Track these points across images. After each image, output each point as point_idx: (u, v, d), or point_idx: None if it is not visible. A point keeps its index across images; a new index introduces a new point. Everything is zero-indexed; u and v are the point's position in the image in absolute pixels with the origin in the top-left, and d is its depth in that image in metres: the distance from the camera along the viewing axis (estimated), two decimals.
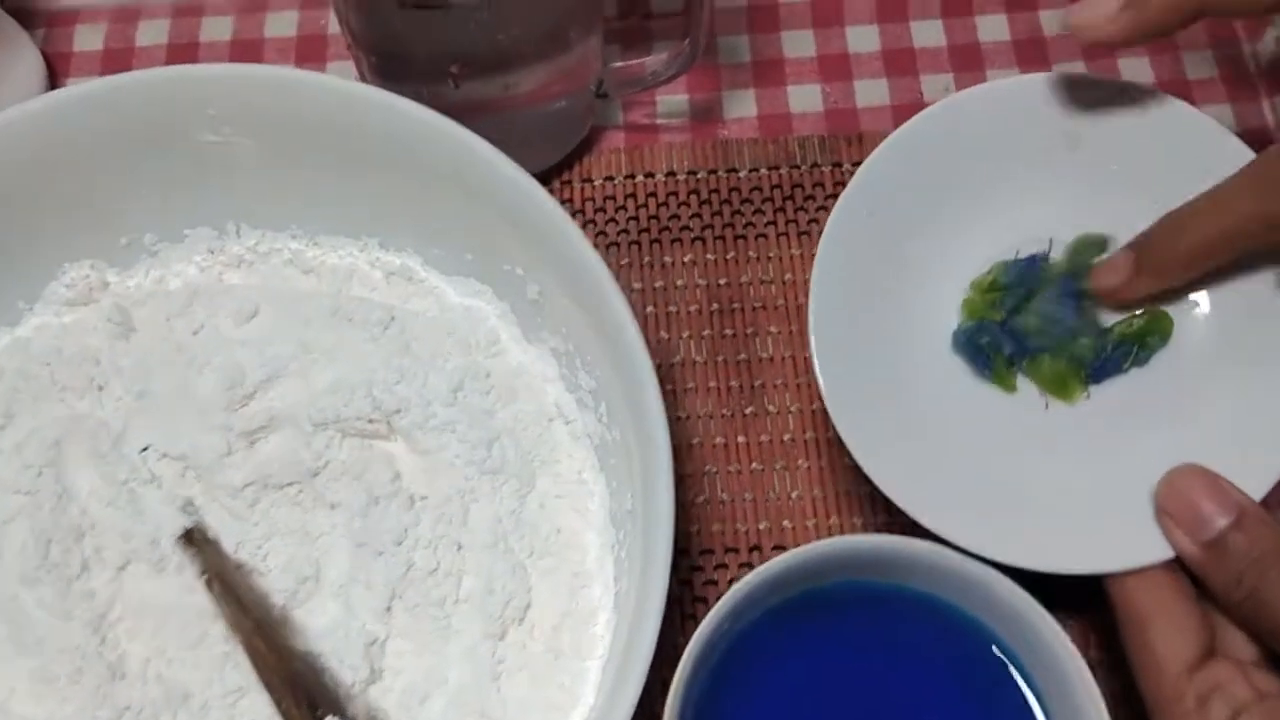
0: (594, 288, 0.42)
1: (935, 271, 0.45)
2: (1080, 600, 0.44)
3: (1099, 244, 0.44)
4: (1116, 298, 0.42)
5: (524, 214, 0.44)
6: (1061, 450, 0.43)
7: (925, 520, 0.41)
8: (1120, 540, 0.41)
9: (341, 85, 0.45)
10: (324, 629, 0.44)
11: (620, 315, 0.41)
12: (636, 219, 0.57)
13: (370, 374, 0.47)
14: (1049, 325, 0.43)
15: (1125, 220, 0.42)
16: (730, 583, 0.49)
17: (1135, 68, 0.60)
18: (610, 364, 0.43)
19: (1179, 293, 0.42)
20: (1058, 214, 0.44)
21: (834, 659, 0.42)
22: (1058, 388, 0.43)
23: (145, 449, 0.46)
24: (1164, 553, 0.40)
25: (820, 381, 0.42)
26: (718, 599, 0.48)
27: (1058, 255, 0.44)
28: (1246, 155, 0.42)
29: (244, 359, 0.48)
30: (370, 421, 0.46)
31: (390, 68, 0.52)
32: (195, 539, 0.44)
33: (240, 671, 0.42)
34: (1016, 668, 0.40)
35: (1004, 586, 0.39)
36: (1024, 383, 0.44)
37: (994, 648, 0.41)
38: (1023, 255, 0.44)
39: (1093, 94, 0.43)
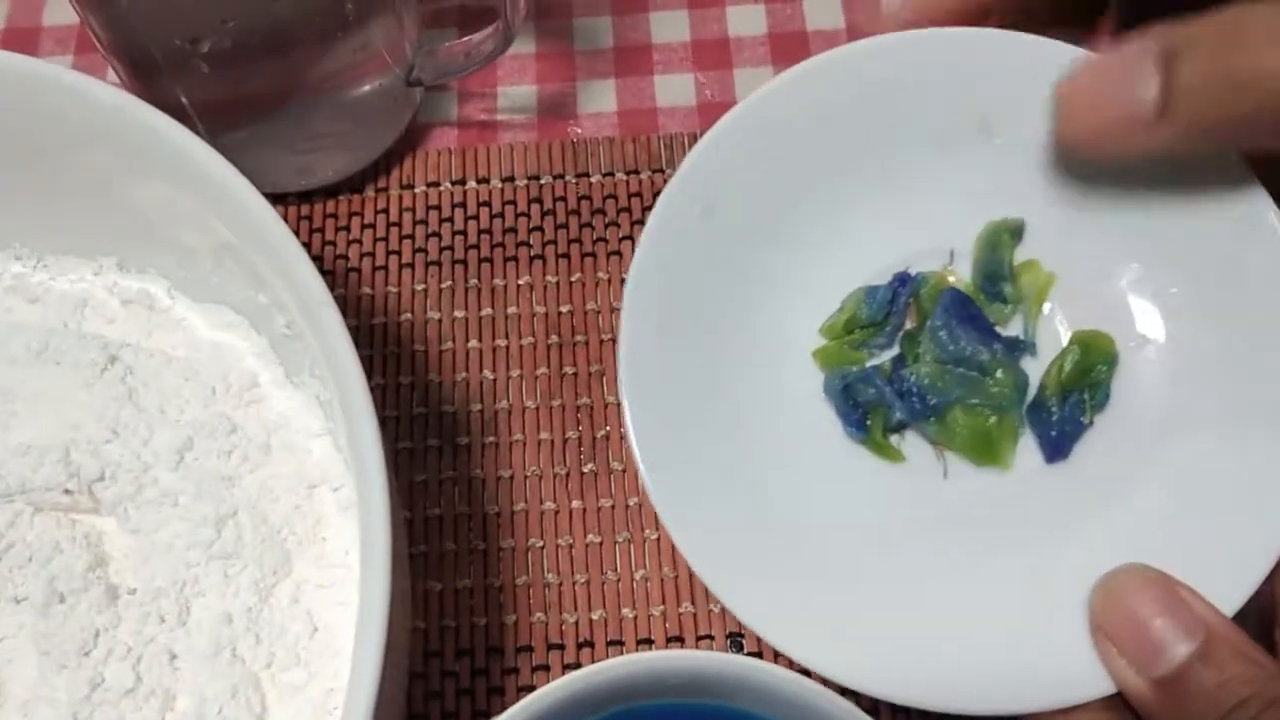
0: (325, 334, 0.32)
1: (793, 296, 0.33)
2: None
3: (1015, 230, 0.32)
4: (1104, 146, 0.28)
5: (246, 230, 0.34)
6: (962, 543, 0.32)
7: (773, 638, 0.30)
8: (1041, 670, 0.29)
9: (6, 59, 0.35)
10: None
11: (348, 372, 0.31)
12: (464, 233, 0.47)
13: (73, 430, 0.37)
14: (949, 362, 0.32)
15: (1048, 222, 0.32)
16: (521, 691, 0.39)
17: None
18: (347, 422, 0.33)
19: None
20: (961, 213, 0.33)
21: None
22: (982, 452, 0.32)
23: None
24: (1101, 688, 0.29)
25: (635, 451, 0.31)
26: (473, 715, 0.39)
27: (953, 271, 0.33)
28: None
29: None
30: (66, 492, 0.36)
31: (140, 64, 0.42)
32: None
33: None
34: None
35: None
36: (915, 446, 0.32)
37: None
38: (912, 271, 0.33)
39: (1010, 58, 0.31)
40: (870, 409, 0.32)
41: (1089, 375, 0.31)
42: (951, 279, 0.33)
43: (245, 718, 0.34)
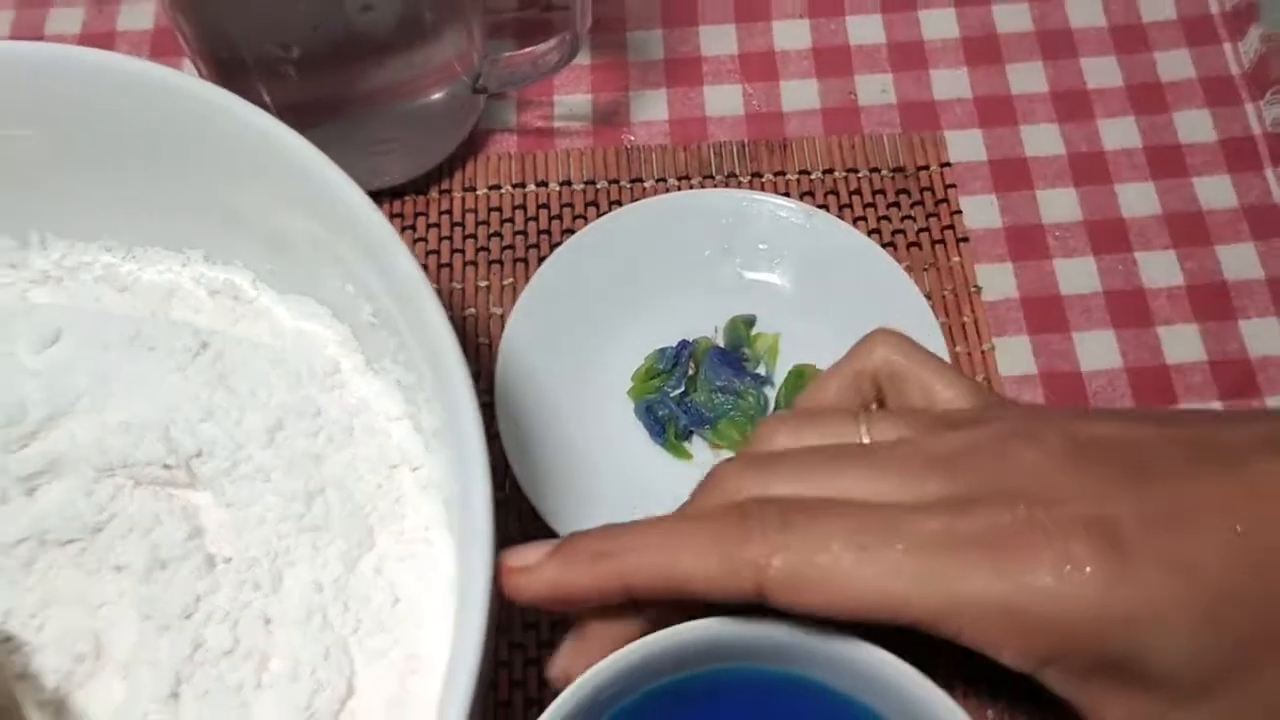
0: (419, 312, 0.34)
1: (616, 355, 0.47)
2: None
3: (749, 321, 0.47)
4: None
5: (342, 221, 0.36)
6: None
7: None
8: None
9: (124, 64, 0.37)
10: (106, 716, 0.36)
11: (446, 349, 0.33)
12: (525, 233, 0.50)
13: (171, 410, 0.39)
14: (717, 393, 0.45)
15: (771, 307, 0.47)
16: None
17: (1103, 68, 0.53)
18: (441, 402, 0.35)
19: None
20: (718, 303, 0.48)
21: None
22: (742, 445, 0.44)
23: None
24: None
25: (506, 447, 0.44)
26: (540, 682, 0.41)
27: (715, 338, 0.47)
28: (893, 268, 0.47)
29: (30, 391, 0.40)
30: (165, 467, 0.38)
31: (226, 65, 0.44)
32: None
33: None
34: None
35: (900, 671, 0.31)
36: (700, 447, 0.46)
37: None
38: (689, 339, 0.47)
39: (744, 213, 0.48)
40: (666, 422, 0.45)
41: (800, 389, 0.45)
42: (714, 342, 0.47)
43: (336, 678, 0.36)
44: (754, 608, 0.30)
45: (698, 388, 0.46)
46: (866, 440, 0.30)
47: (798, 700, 0.33)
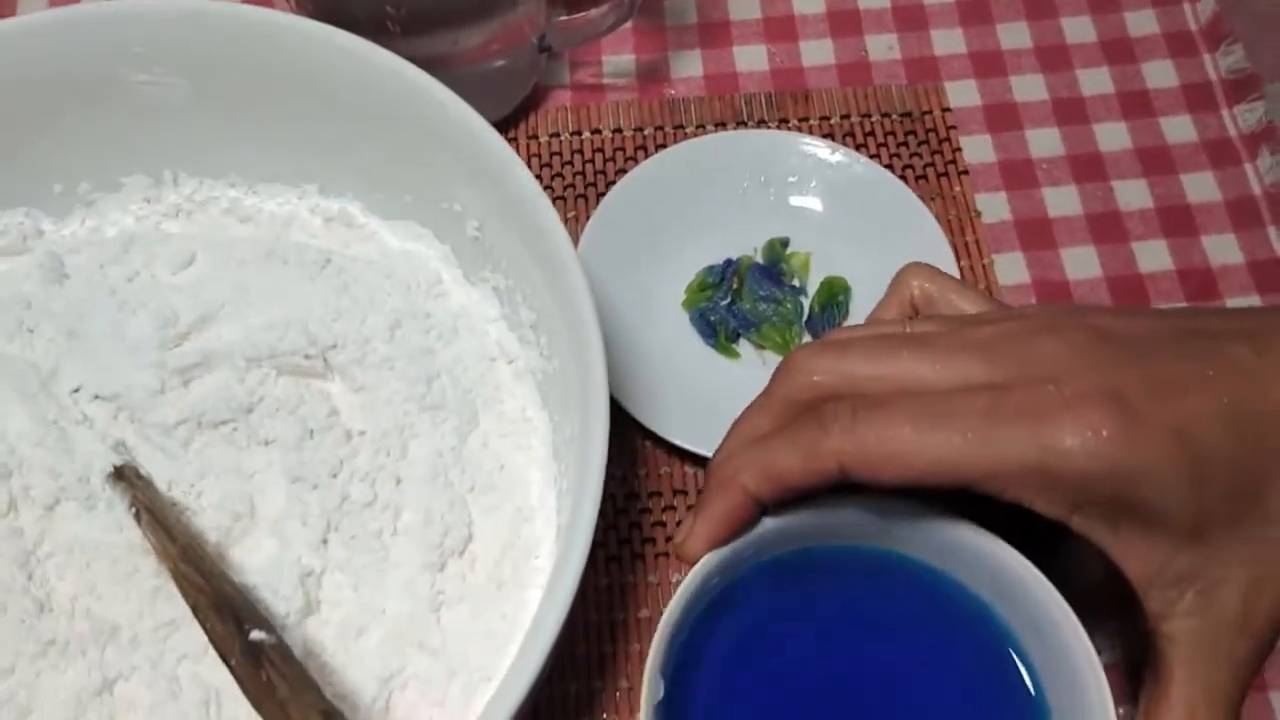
0: (534, 219, 0.41)
1: (675, 272, 0.54)
2: None
3: (784, 241, 0.55)
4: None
5: (465, 146, 0.43)
6: None
7: (675, 437, 0.49)
8: None
9: (273, 17, 0.45)
10: (259, 566, 0.43)
11: (560, 246, 0.40)
12: (583, 174, 0.57)
13: (306, 312, 0.46)
14: (760, 301, 0.53)
15: (803, 230, 0.55)
16: (679, 525, 0.48)
17: (1080, 27, 0.61)
18: (550, 294, 0.42)
19: None
20: (757, 227, 0.55)
21: (825, 623, 0.39)
22: (783, 346, 0.52)
23: (76, 390, 0.45)
24: None
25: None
26: (667, 539, 0.48)
27: (755, 256, 0.55)
28: (906, 194, 0.54)
29: (178, 302, 0.47)
30: (306, 357, 0.45)
31: (335, 18, 0.51)
32: (126, 475, 0.43)
33: (172, 605, 0.41)
34: (1014, 646, 0.38)
35: (1013, 560, 0.36)
36: (746, 349, 0.53)
37: (991, 622, 0.38)
38: (732, 257, 0.54)
39: (782, 145, 0.56)
40: (717, 326, 0.52)
41: (834, 299, 0.53)
42: (755, 260, 0.55)
43: (459, 525, 0.43)
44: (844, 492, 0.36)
45: (743, 297, 0.53)
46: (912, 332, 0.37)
47: (884, 573, 0.39)
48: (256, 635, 0.36)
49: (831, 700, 0.37)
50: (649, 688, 0.34)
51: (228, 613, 0.37)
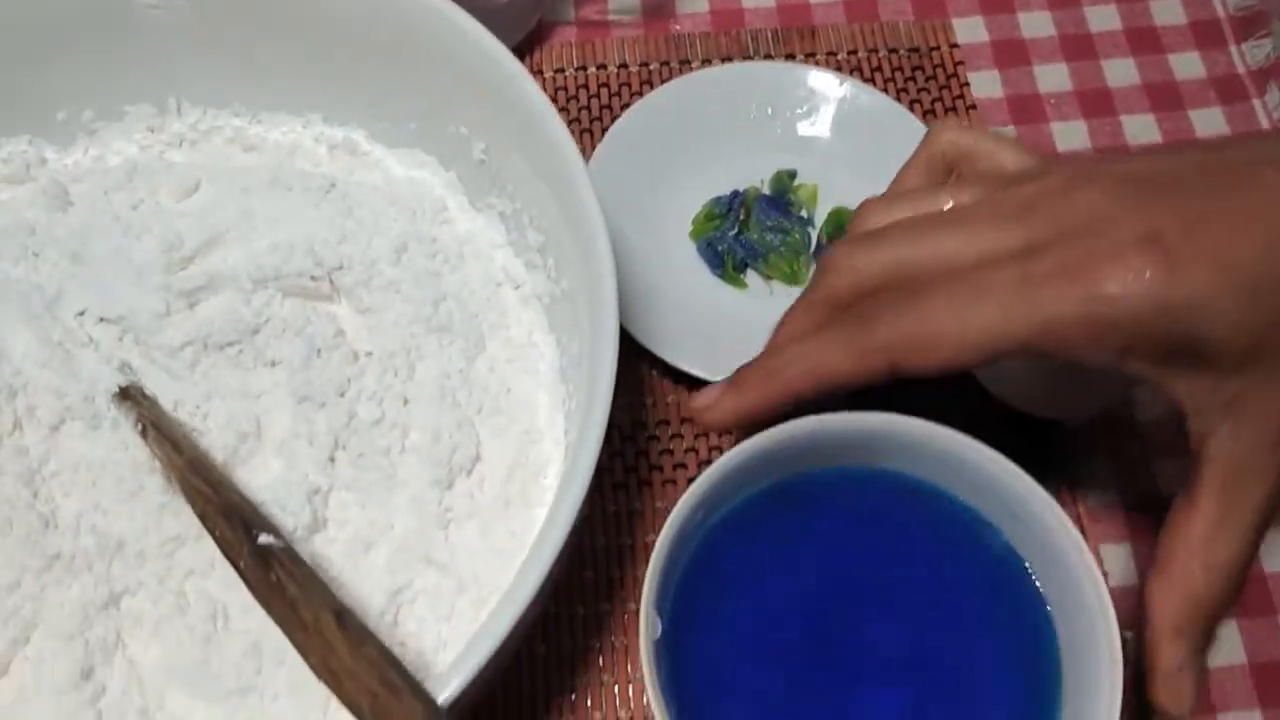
0: (544, 132, 0.41)
1: (682, 203, 0.54)
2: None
3: (791, 173, 0.54)
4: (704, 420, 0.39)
5: (474, 64, 0.43)
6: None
7: (683, 363, 0.48)
8: None
9: None
10: (266, 485, 0.42)
11: (569, 157, 0.40)
12: (588, 109, 0.57)
13: (311, 235, 0.46)
14: (767, 231, 0.52)
15: (810, 162, 0.54)
16: (687, 453, 0.48)
17: (1102, 15, 0.60)
18: (558, 210, 0.42)
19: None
20: (764, 159, 0.55)
21: (821, 546, 0.38)
22: (790, 276, 0.52)
23: (81, 313, 0.45)
24: None
25: None
26: (674, 467, 0.48)
27: (763, 188, 0.54)
28: (913, 123, 0.53)
29: (183, 226, 0.47)
30: (312, 279, 0.45)
31: None
32: (132, 394, 0.43)
33: (179, 521, 0.41)
34: (1006, 545, 0.38)
35: (996, 462, 0.36)
36: (753, 279, 0.53)
37: (976, 521, 0.38)
38: (740, 188, 0.54)
39: (789, 77, 0.55)
40: (724, 255, 0.52)
41: (842, 230, 0.51)
42: (762, 191, 0.54)
43: (467, 443, 0.43)
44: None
45: (750, 227, 0.52)
46: (949, 206, 0.37)
47: (890, 495, 0.39)
48: (265, 539, 0.36)
49: (835, 620, 0.37)
50: (646, 625, 0.34)
51: (236, 519, 0.37)
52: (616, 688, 0.44)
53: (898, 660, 0.36)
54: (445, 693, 0.31)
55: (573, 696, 0.44)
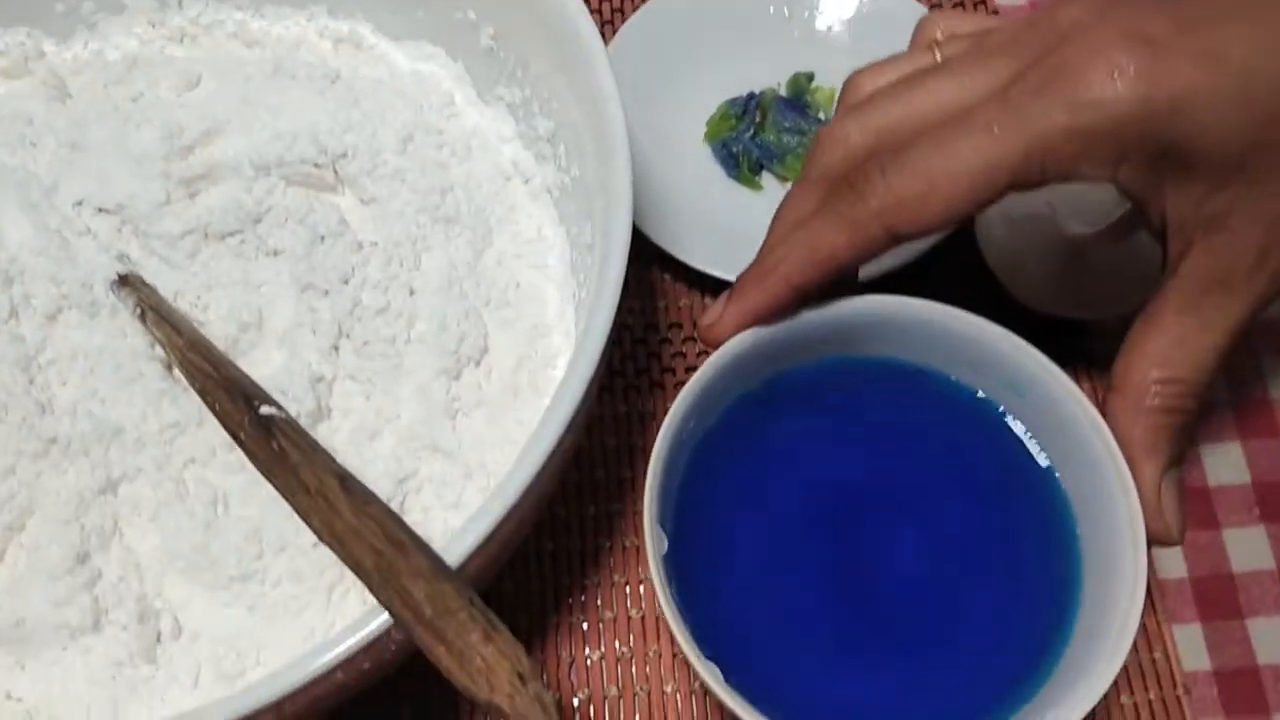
0: (556, 9, 0.40)
1: (698, 103, 0.53)
2: None
3: (809, 76, 0.53)
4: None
5: None
6: None
7: (696, 262, 0.47)
8: None
9: None
10: (269, 375, 0.41)
11: (583, 30, 0.39)
12: (599, 12, 0.56)
13: (315, 124, 0.44)
14: (785, 133, 0.51)
15: (828, 64, 0.53)
16: (699, 356, 0.47)
17: None
18: (570, 92, 0.41)
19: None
20: (781, 61, 0.53)
21: (816, 440, 0.37)
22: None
23: (79, 202, 0.43)
24: None
25: None
26: (686, 370, 0.47)
27: (779, 90, 0.53)
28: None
29: (184, 116, 0.45)
30: (316, 166, 0.44)
31: None
32: (130, 282, 0.41)
33: (178, 408, 0.39)
34: (1011, 415, 0.37)
35: (1003, 338, 0.35)
36: (768, 181, 0.51)
37: (978, 393, 0.37)
38: (756, 90, 0.53)
39: None
40: (739, 156, 0.51)
41: None
42: (778, 93, 0.53)
43: (474, 334, 0.42)
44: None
45: (766, 129, 0.51)
46: (939, 59, 0.35)
47: (884, 382, 0.38)
48: (266, 410, 0.35)
49: (845, 513, 0.36)
50: (651, 541, 0.33)
51: (236, 392, 0.36)
52: (628, 587, 0.43)
53: (908, 543, 0.35)
54: (454, 557, 0.30)
55: (583, 596, 0.43)
